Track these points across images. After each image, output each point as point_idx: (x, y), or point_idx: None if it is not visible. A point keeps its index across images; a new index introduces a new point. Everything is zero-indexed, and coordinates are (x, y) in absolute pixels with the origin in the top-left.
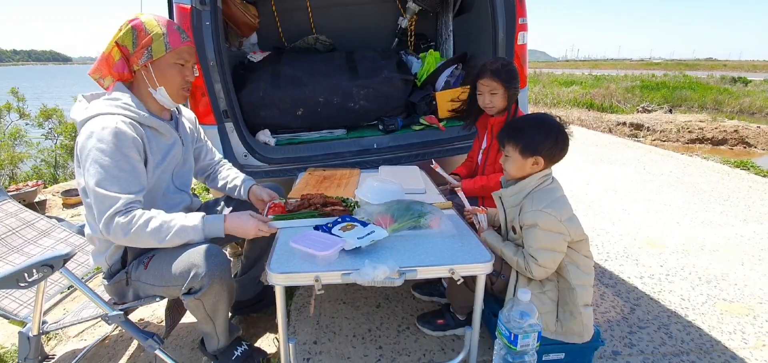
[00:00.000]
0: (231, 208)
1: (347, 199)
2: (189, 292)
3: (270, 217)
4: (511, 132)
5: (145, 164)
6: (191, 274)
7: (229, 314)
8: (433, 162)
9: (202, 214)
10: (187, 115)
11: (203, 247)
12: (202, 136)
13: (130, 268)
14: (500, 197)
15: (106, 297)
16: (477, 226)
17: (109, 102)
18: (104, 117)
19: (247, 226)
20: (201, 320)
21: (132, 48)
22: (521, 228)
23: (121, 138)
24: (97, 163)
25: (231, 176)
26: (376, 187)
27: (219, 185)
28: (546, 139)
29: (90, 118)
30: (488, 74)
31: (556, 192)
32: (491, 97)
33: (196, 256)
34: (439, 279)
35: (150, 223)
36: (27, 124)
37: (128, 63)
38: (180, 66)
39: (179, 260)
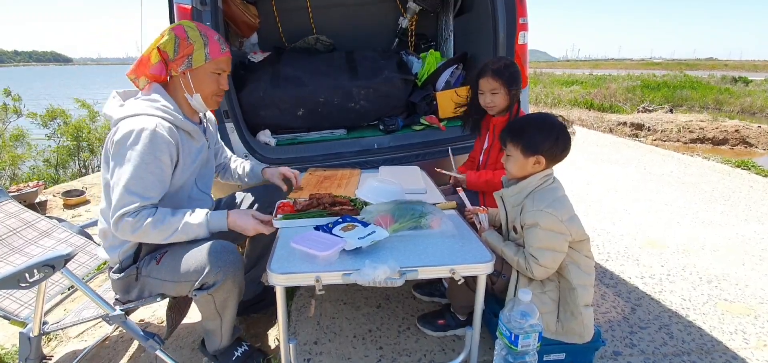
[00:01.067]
0: (243, 199)
1: (355, 198)
2: (201, 288)
3: (279, 216)
4: (512, 131)
5: (176, 167)
6: (205, 270)
7: None
8: (450, 156)
9: (206, 210)
10: (210, 117)
11: (218, 243)
12: (218, 138)
13: (141, 263)
14: (501, 197)
15: (110, 294)
16: (478, 226)
17: (148, 103)
18: (144, 118)
19: (247, 223)
20: (209, 317)
21: (173, 55)
22: (522, 227)
23: (157, 141)
24: (129, 162)
25: (240, 164)
26: (376, 187)
27: (233, 175)
28: (547, 138)
29: (129, 116)
30: (489, 73)
31: (557, 192)
32: (492, 96)
33: (210, 252)
34: (440, 279)
35: (157, 223)
36: (32, 123)
37: (167, 67)
38: (217, 75)
39: (193, 256)
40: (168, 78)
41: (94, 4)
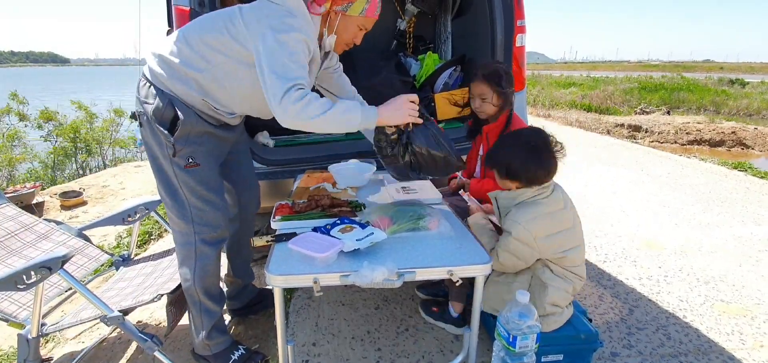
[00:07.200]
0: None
1: (354, 201)
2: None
3: (277, 218)
4: (489, 157)
5: None
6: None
7: (228, 317)
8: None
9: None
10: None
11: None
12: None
13: (176, 142)
14: (495, 197)
15: (108, 294)
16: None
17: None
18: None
19: (401, 110)
20: (187, 289)
21: None
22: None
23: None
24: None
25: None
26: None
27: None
28: (523, 164)
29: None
30: (478, 78)
31: (542, 208)
32: (481, 102)
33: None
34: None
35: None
36: (26, 126)
37: None
38: (359, 30)
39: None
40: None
41: (92, 5)
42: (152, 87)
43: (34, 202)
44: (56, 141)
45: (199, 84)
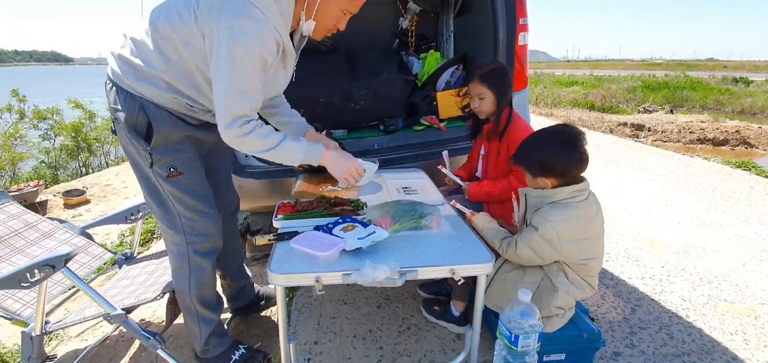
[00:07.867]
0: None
1: (356, 200)
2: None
3: (279, 217)
4: (519, 156)
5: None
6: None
7: (229, 317)
8: (444, 159)
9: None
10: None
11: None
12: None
13: (155, 152)
14: (526, 194)
15: (111, 293)
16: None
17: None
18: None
19: (346, 166)
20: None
21: None
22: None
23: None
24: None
25: (289, 114)
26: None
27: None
28: (557, 158)
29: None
30: (476, 78)
31: (576, 211)
32: (479, 101)
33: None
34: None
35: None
36: (24, 125)
37: None
38: (343, 14)
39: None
40: None
41: (95, 5)
42: (119, 90)
43: (38, 200)
44: (55, 140)
45: (166, 83)
